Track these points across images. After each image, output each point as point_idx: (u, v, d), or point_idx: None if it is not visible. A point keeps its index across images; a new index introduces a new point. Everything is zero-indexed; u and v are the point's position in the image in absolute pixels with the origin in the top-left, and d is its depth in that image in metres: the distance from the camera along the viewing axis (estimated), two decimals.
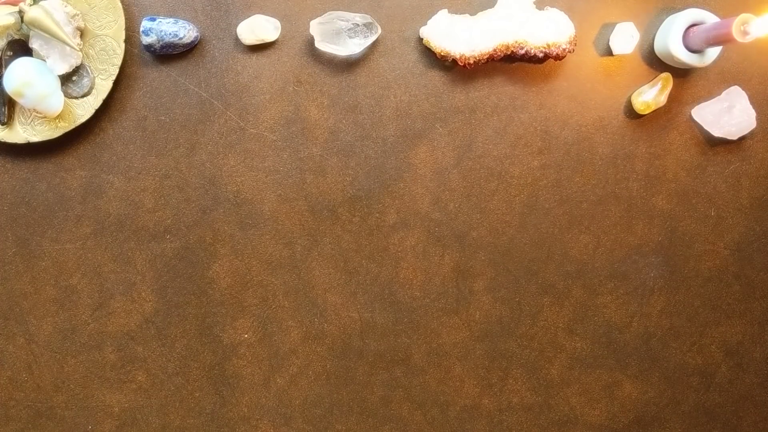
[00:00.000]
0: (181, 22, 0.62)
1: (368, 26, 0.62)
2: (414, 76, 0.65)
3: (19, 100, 0.60)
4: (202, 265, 0.66)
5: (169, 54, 0.63)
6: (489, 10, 0.63)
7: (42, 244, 0.65)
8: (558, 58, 0.63)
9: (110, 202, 0.65)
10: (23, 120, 0.62)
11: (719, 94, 0.67)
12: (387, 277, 0.67)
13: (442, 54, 0.63)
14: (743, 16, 0.57)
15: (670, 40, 0.63)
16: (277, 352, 0.67)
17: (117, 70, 0.62)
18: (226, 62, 0.64)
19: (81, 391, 0.67)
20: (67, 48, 0.60)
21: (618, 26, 0.65)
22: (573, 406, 0.70)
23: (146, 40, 0.62)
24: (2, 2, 0.59)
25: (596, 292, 0.69)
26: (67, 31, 0.59)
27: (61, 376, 0.66)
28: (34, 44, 0.60)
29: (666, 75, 0.66)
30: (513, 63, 0.66)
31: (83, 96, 0.62)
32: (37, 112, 0.61)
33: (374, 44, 0.64)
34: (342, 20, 0.62)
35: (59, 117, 0.62)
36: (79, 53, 0.61)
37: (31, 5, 0.58)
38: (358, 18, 0.62)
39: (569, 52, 0.63)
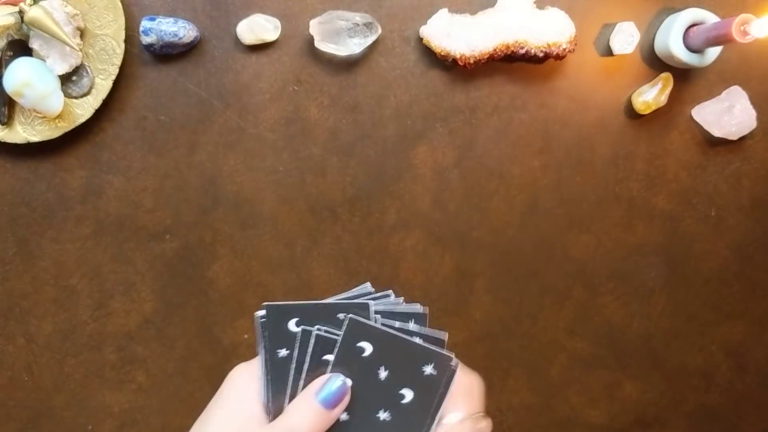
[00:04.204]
0: (180, 21, 0.62)
1: (368, 26, 0.62)
2: (414, 76, 0.65)
3: (19, 100, 0.59)
4: (202, 265, 0.66)
5: (169, 54, 0.63)
6: (489, 9, 0.63)
7: (42, 244, 0.65)
8: (558, 57, 0.63)
9: (110, 202, 0.65)
10: (23, 120, 0.62)
11: (719, 94, 0.67)
12: (387, 277, 0.67)
13: (442, 54, 0.63)
14: (743, 16, 0.57)
15: (671, 40, 0.63)
16: None
17: (117, 70, 0.62)
18: (225, 62, 0.64)
19: (81, 391, 0.67)
20: (67, 48, 0.60)
21: (618, 26, 0.65)
22: (573, 407, 0.70)
23: (146, 39, 0.62)
24: (2, 2, 0.59)
25: (597, 292, 0.69)
26: (67, 31, 0.59)
27: (61, 376, 0.66)
28: (34, 44, 0.60)
29: (666, 75, 0.66)
30: (513, 63, 0.65)
31: (83, 96, 0.62)
32: (37, 112, 0.61)
33: (374, 44, 0.64)
34: (342, 20, 0.62)
35: (59, 117, 0.62)
36: (79, 53, 0.61)
37: (31, 5, 0.58)
38: (358, 17, 0.62)
39: (569, 51, 0.63)
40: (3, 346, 0.66)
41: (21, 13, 0.58)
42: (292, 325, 0.39)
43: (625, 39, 0.65)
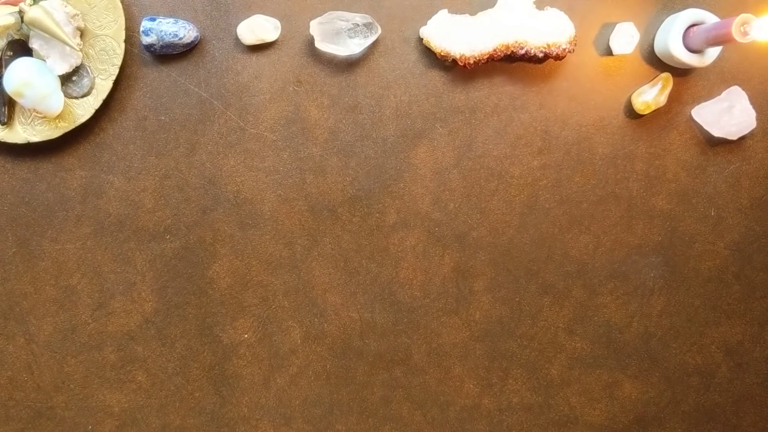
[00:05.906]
0: (181, 22, 0.62)
1: (368, 26, 0.62)
2: (414, 76, 0.65)
3: (19, 100, 0.60)
4: (202, 265, 0.66)
5: (169, 54, 0.63)
6: (489, 10, 0.63)
7: (42, 244, 0.65)
8: (558, 58, 0.63)
9: (110, 202, 0.65)
10: (23, 120, 0.62)
11: (719, 94, 0.67)
12: (387, 277, 0.67)
13: (442, 54, 0.63)
14: (743, 16, 0.57)
15: (670, 40, 0.63)
16: (277, 352, 0.67)
17: (117, 70, 0.62)
18: (226, 62, 0.64)
19: (81, 391, 0.67)
20: (67, 48, 0.60)
21: (618, 26, 0.65)
22: (573, 406, 0.70)
23: (146, 40, 0.62)
24: (2, 2, 0.59)
25: (596, 292, 0.69)
26: (67, 31, 0.59)
27: (61, 376, 0.66)
28: (34, 44, 0.60)
29: (666, 75, 0.66)
30: (513, 63, 0.66)
31: (83, 96, 0.62)
32: (37, 112, 0.61)
33: (374, 44, 0.64)
34: (342, 20, 0.62)
35: (59, 117, 0.62)
36: (79, 53, 0.61)
37: (31, 5, 0.58)
38: (358, 18, 0.62)
39: (569, 52, 0.63)
40: (3, 346, 0.66)
41: (21, 13, 0.58)
42: None
43: (625, 39, 0.65)
